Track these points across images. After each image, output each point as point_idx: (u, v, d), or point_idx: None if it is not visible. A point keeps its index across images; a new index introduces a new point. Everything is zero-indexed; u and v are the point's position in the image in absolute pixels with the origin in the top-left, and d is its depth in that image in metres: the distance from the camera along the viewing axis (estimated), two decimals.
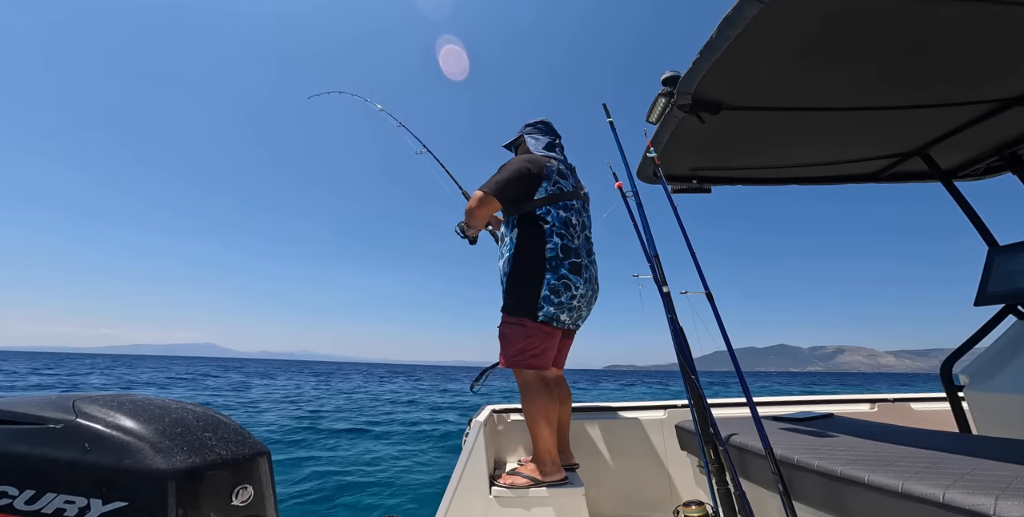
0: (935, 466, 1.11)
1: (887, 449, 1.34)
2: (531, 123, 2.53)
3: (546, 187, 2.19)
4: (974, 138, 2.15)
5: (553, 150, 2.40)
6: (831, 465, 1.19)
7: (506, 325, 2.14)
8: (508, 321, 2.13)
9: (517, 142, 2.54)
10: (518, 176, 2.18)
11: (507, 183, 2.17)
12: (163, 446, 0.90)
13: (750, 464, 1.53)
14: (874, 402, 2.71)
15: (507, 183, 2.17)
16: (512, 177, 2.18)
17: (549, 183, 2.20)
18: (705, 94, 1.70)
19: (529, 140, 2.44)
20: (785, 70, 1.58)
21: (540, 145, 2.40)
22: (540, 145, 2.40)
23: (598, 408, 2.69)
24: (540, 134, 2.47)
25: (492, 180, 2.21)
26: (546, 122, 2.52)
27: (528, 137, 2.46)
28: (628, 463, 2.54)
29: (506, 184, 2.17)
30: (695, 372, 1.63)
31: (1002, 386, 1.98)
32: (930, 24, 1.34)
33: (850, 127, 2.06)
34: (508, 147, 2.64)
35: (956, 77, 1.66)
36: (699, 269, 1.66)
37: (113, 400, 1.00)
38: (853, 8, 1.27)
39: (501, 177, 2.19)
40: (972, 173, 2.51)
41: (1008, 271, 2.10)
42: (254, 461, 1.04)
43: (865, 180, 2.72)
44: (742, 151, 2.31)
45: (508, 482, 1.99)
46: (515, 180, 2.18)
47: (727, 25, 1.33)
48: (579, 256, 2.16)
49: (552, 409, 2.04)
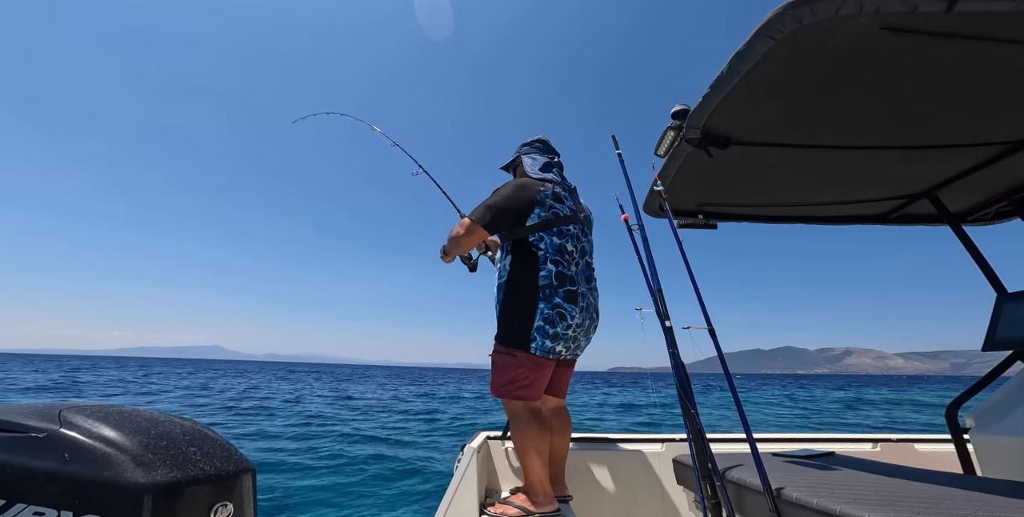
0: (937, 507, 1.08)
1: (888, 488, 1.30)
2: (528, 142, 2.44)
3: (539, 213, 2.09)
4: (983, 181, 2.16)
5: (550, 170, 2.30)
6: (830, 504, 1.16)
7: (497, 354, 2.07)
8: (499, 350, 2.07)
9: (515, 163, 2.47)
10: (508, 204, 2.10)
11: (495, 211, 2.09)
12: (145, 459, 0.89)
13: (748, 501, 1.49)
14: (876, 441, 2.65)
15: (495, 211, 2.09)
16: (501, 205, 2.09)
17: (543, 209, 2.10)
18: (714, 129, 1.71)
19: (526, 160, 2.35)
20: (795, 107, 1.60)
21: (536, 166, 2.30)
22: (536, 166, 2.30)
23: (595, 439, 2.63)
24: (537, 154, 2.38)
25: (481, 206, 2.12)
26: (544, 140, 2.44)
27: (525, 158, 2.37)
28: (623, 496, 2.46)
29: (495, 212, 2.09)
30: (695, 406, 1.60)
31: (1009, 430, 1.94)
32: (941, 63, 1.36)
33: (858, 167, 2.07)
34: (506, 169, 2.56)
35: (965, 118, 1.67)
36: (703, 305, 1.65)
37: (100, 410, 0.99)
38: (864, 46, 1.28)
39: (491, 203, 2.11)
40: (981, 218, 2.50)
41: (1017, 317, 2.07)
42: (237, 478, 1.01)
43: (873, 222, 2.72)
44: (749, 188, 2.32)
45: (499, 511, 1.93)
46: (504, 208, 2.09)
47: (738, 60, 1.34)
48: (575, 284, 2.06)
49: (542, 440, 1.97)
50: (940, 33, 1.20)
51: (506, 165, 2.55)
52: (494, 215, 2.09)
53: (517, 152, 2.47)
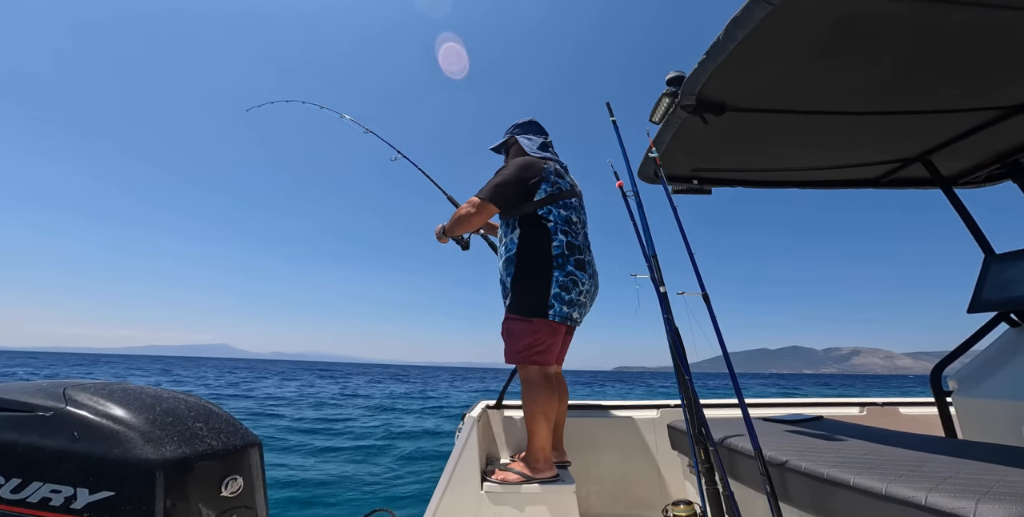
0: (919, 469, 1.12)
1: (874, 452, 1.35)
2: (519, 124, 2.50)
3: (545, 188, 2.18)
4: (976, 145, 2.15)
5: (547, 150, 2.39)
6: (818, 467, 1.21)
7: (511, 321, 2.12)
8: (514, 318, 2.12)
9: (508, 143, 2.51)
10: (517, 180, 2.17)
11: (505, 188, 2.16)
12: (153, 436, 0.90)
13: (739, 465, 1.55)
14: (863, 405, 2.73)
15: (505, 188, 2.16)
16: (511, 181, 2.17)
17: (548, 184, 2.19)
18: (709, 95, 1.69)
19: (523, 140, 2.41)
20: (791, 73, 1.58)
21: (534, 146, 2.38)
22: (534, 146, 2.38)
23: (591, 406, 2.69)
24: (532, 134, 2.44)
25: (489, 185, 2.19)
26: (534, 122, 2.49)
27: (521, 138, 2.43)
28: (619, 462, 2.55)
29: (504, 189, 2.17)
30: (689, 373, 1.64)
31: (989, 392, 2.00)
32: (939, 29, 1.34)
33: (853, 131, 2.06)
34: (497, 150, 2.59)
35: (961, 83, 1.66)
36: (696, 270, 1.66)
37: (104, 388, 0.99)
38: (862, 12, 1.26)
39: (499, 181, 2.18)
40: (972, 181, 2.51)
41: (1002, 279, 2.11)
42: (245, 452, 1.03)
43: (865, 185, 2.72)
44: (744, 153, 2.30)
45: (500, 478, 1.99)
46: (513, 184, 2.16)
47: (735, 26, 1.32)
48: (583, 252, 2.18)
49: (552, 407, 2.04)
50: None
51: (497, 146, 2.57)
52: (505, 192, 2.16)
53: (509, 133, 2.50)
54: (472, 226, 2.28)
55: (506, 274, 2.21)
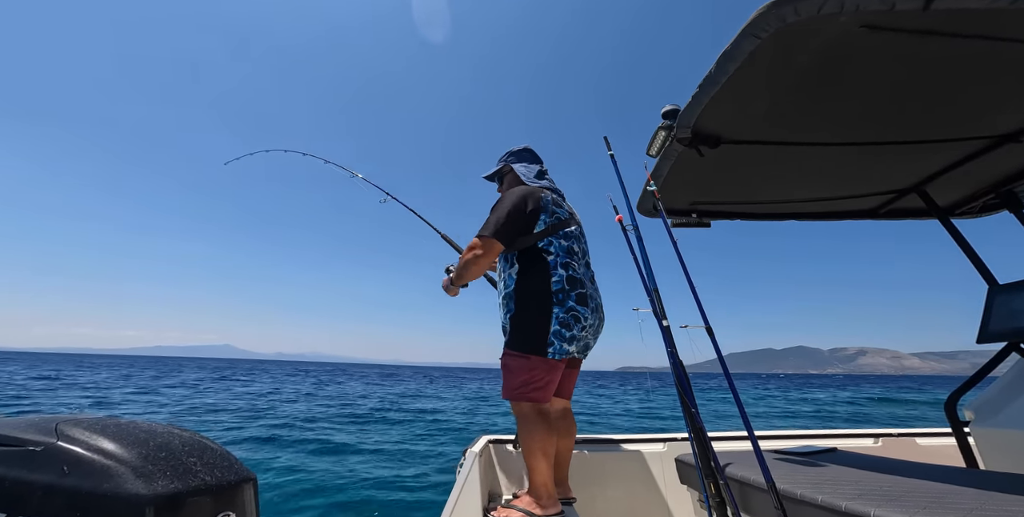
0: (941, 501, 1.08)
1: (892, 484, 1.31)
2: (514, 151, 2.44)
3: (544, 219, 2.12)
4: (970, 175, 2.18)
5: (543, 178, 2.34)
6: (835, 500, 1.17)
7: (508, 357, 2.06)
8: (512, 354, 2.05)
9: (502, 172, 2.46)
10: (516, 213, 2.09)
11: (507, 222, 2.07)
12: (145, 471, 0.88)
13: (752, 498, 1.49)
14: (878, 437, 2.66)
15: (507, 222, 2.07)
16: (511, 215, 2.08)
17: (547, 215, 2.12)
18: (705, 128, 1.73)
19: (519, 169, 2.35)
20: (782, 105, 1.62)
21: (531, 174, 2.32)
22: (531, 174, 2.32)
23: (596, 440, 2.63)
24: (528, 162, 2.39)
25: (490, 222, 2.09)
26: (529, 149, 2.44)
27: (518, 166, 2.37)
28: (626, 497, 2.46)
29: (506, 224, 2.06)
30: (695, 405, 1.60)
31: (1009, 422, 1.96)
32: (921, 61, 1.38)
33: (846, 163, 2.10)
34: (491, 178, 2.53)
35: (948, 113, 1.69)
36: (699, 304, 1.66)
37: (97, 423, 0.98)
38: (847, 45, 1.30)
39: (499, 216, 2.08)
40: (968, 211, 2.53)
41: (1010, 309, 2.10)
42: (239, 488, 1.01)
43: (863, 217, 2.75)
44: (741, 185, 2.34)
45: (503, 515, 1.91)
46: (514, 217, 2.08)
47: (726, 59, 1.36)
48: (584, 286, 2.09)
49: (550, 442, 1.97)
50: (918, 30, 1.22)
51: (491, 175, 2.53)
52: (507, 228, 2.07)
53: (503, 161, 2.45)
54: (482, 269, 2.16)
55: (505, 311, 2.14)
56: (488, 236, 2.06)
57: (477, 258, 2.09)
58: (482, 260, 2.10)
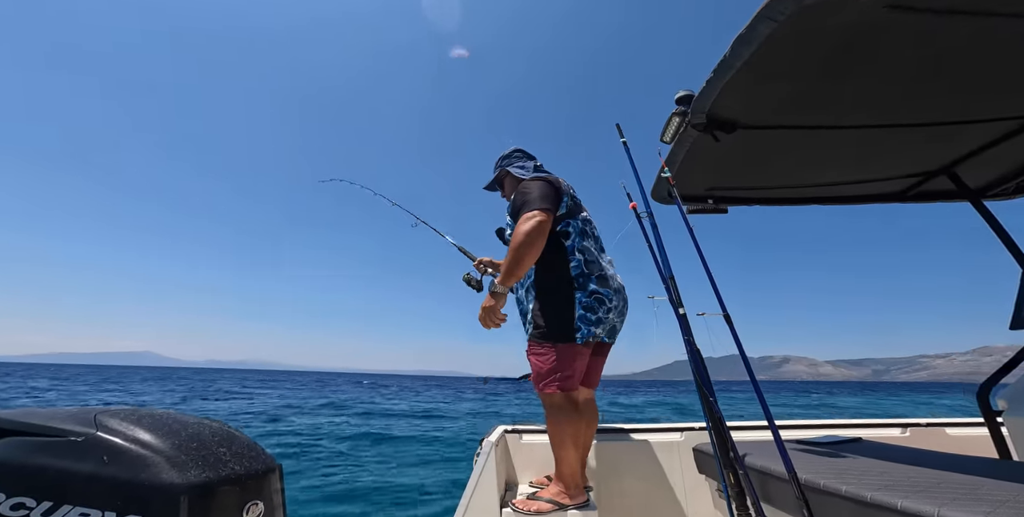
0: (974, 492, 1.06)
1: (921, 474, 1.28)
2: (506, 155, 2.44)
3: (566, 202, 2.13)
4: (1004, 155, 2.09)
5: (541, 172, 2.33)
6: (860, 490, 1.15)
7: (535, 347, 2.06)
8: (538, 345, 2.06)
9: (500, 178, 2.46)
10: (550, 188, 2.07)
11: (548, 197, 2.01)
12: (178, 461, 0.92)
13: (772, 488, 1.48)
14: (906, 427, 2.61)
15: (548, 197, 2.01)
16: (545, 191, 2.04)
17: (568, 197, 2.14)
18: (720, 113, 1.69)
19: (515, 171, 2.34)
20: (801, 88, 1.57)
21: (528, 172, 2.33)
22: (528, 172, 2.33)
23: (612, 429, 2.64)
24: (522, 162, 2.39)
25: (533, 199, 2.00)
26: (520, 149, 2.44)
27: (512, 168, 2.36)
28: (643, 486, 2.47)
29: (546, 198, 2.00)
30: (713, 394, 1.60)
31: None
32: (948, 40, 1.33)
33: (871, 145, 2.03)
34: (491, 188, 2.53)
35: (981, 92, 1.62)
36: (716, 290, 1.64)
37: (133, 414, 1.03)
38: (869, 25, 1.25)
39: (542, 193, 2.02)
40: (1002, 192, 2.44)
41: None
42: (266, 477, 1.05)
43: (891, 200, 2.66)
44: (759, 171, 2.29)
45: (533, 508, 1.91)
46: (550, 192, 2.05)
47: (740, 43, 1.32)
48: (602, 268, 2.11)
49: (579, 431, 1.99)
50: (944, 10, 1.17)
51: (490, 184, 2.53)
52: (550, 203, 2.00)
53: (499, 167, 2.44)
54: (542, 244, 1.95)
55: (528, 301, 2.15)
56: (542, 208, 1.94)
57: (542, 226, 1.91)
58: (541, 238, 1.92)
